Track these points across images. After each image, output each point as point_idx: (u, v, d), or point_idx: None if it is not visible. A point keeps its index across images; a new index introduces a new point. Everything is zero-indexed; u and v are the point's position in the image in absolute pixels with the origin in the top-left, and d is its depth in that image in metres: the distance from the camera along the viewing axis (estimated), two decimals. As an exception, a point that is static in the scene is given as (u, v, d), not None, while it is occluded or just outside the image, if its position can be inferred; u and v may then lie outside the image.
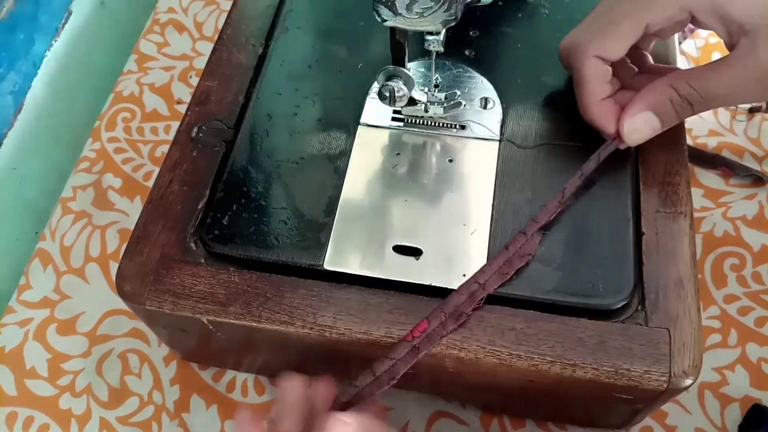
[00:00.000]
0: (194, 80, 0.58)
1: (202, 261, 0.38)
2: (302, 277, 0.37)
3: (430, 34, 0.36)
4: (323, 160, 0.40)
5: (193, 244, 0.38)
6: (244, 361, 0.45)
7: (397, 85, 0.38)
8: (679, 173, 0.39)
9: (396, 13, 0.34)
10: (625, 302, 0.35)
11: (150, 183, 0.53)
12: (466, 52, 0.44)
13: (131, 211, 0.52)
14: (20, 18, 0.53)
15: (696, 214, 0.49)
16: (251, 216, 0.38)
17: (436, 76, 0.42)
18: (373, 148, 0.41)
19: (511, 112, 0.41)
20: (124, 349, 0.47)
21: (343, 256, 0.37)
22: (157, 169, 0.51)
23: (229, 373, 0.46)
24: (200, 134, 0.42)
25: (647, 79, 0.38)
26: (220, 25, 0.48)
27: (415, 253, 0.37)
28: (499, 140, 0.40)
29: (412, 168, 0.40)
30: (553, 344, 0.34)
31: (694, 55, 0.56)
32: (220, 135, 0.42)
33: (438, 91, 0.41)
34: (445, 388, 0.42)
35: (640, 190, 0.38)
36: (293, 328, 0.35)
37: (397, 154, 0.40)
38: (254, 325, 0.36)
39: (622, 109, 0.38)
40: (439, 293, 0.36)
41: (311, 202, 0.39)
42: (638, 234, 0.37)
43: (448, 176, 0.39)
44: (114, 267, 0.45)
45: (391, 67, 0.38)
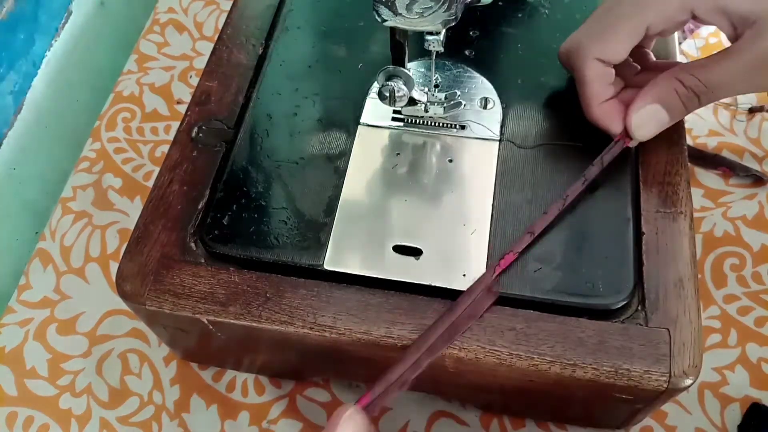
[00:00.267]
0: (194, 80, 0.58)
1: (202, 261, 0.38)
2: (302, 277, 0.37)
3: (430, 34, 0.36)
4: (323, 160, 0.40)
5: (193, 244, 0.38)
6: (244, 361, 0.45)
7: (397, 85, 0.38)
8: (679, 173, 0.39)
9: (396, 13, 0.34)
10: (625, 302, 0.35)
11: (150, 183, 0.53)
12: (466, 52, 0.44)
13: (131, 211, 0.52)
14: (20, 18, 0.53)
15: (696, 214, 0.49)
16: (251, 216, 0.38)
17: (436, 76, 0.42)
18: (373, 148, 0.41)
19: (511, 112, 0.41)
20: (124, 349, 0.47)
21: (343, 256, 0.37)
22: (157, 169, 0.51)
23: (229, 373, 0.46)
24: (200, 134, 0.42)
25: (650, 76, 0.38)
26: (220, 25, 0.48)
27: (415, 253, 0.37)
28: (499, 140, 0.40)
29: (412, 168, 0.40)
30: (553, 344, 0.34)
31: (694, 55, 0.56)
32: (220, 135, 0.42)
33: (438, 91, 0.41)
34: (445, 388, 0.42)
35: (640, 190, 0.38)
36: (293, 328, 0.35)
37: (397, 154, 0.40)
38: (254, 325, 0.36)
39: (627, 108, 0.38)
40: (439, 293, 0.36)
41: (311, 202, 0.39)
42: (638, 234, 0.37)
43: (448, 176, 0.39)
44: (114, 267, 0.45)
45: (391, 67, 0.38)
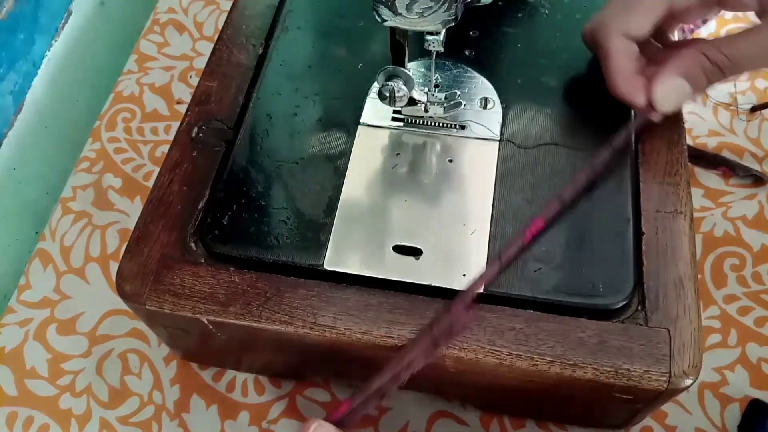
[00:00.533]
0: (194, 80, 0.58)
1: (202, 261, 0.38)
2: (302, 277, 0.37)
3: (430, 34, 0.36)
4: (323, 160, 0.40)
5: (193, 244, 0.38)
6: (244, 361, 0.45)
7: (397, 85, 0.38)
8: (679, 173, 0.39)
9: (396, 13, 0.34)
10: (625, 302, 0.35)
11: (150, 183, 0.53)
12: (466, 52, 0.44)
13: (131, 211, 0.52)
14: (20, 18, 0.53)
15: (696, 214, 0.49)
16: (251, 216, 0.38)
17: (436, 76, 0.42)
18: (373, 148, 0.41)
19: (511, 112, 0.41)
20: (124, 349, 0.47)
21: (343, 256, 0.37)
22: (157, 169, 0.51)
23: (229, 373, 0.46)
24: (200, 134, 0.42)
25: (674, 53, 0.38)
26: (220, 25, 0.48)
27: (415, 253, 0.37)
28: (499, 140, 0.40)
29: (412, 168, 0.40)
30: (553, 344, 0.34)
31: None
32: (220, 135, 0.42)
33: (438, 91, 0.41)
34: (445, 388, 0.42)
35: (640, 190, 0.38)
36: (293, 328, 0.35)
37: (397, 154, 0.40)
38: (254, 325, 0.36)
39: (650, 83, 0.38)
40: (439, 293, 0.36)
41: (311, 202, 0.39)
42: (638, 234, 0.37)
43: (448, 176, 0.39)
44: (114, 267, 0.45)
45: (391, 67, 0.38)
